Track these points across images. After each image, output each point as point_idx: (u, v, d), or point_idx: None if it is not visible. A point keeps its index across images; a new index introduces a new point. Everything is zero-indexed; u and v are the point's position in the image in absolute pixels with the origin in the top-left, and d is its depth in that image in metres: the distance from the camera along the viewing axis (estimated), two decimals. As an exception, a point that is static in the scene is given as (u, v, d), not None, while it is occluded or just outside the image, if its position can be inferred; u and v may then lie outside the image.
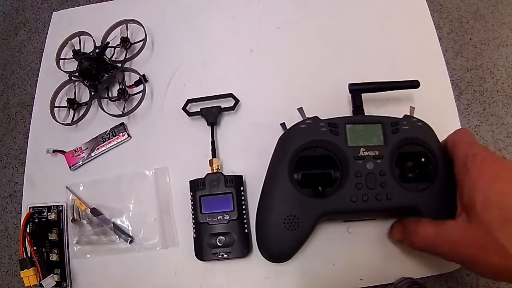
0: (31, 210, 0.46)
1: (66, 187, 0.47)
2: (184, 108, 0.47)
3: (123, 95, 0.48)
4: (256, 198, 0.40)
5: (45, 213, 0.46)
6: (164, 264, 0.44)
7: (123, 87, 0.48)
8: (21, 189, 0.49)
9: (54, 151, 0.49)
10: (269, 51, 0.50)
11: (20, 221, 0.46)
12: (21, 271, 0.42)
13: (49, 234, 0.46)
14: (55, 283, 0.44)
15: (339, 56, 0.48)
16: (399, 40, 0.49)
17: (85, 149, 0.48)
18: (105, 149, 0.48)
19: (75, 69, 0.50)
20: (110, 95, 0.49)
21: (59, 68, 0.51)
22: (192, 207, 0.42)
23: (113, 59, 0.50)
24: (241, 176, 0.43)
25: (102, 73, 0.49)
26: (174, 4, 0.54)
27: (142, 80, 0.48)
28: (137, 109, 0.47)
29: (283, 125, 0.42)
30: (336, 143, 0.38)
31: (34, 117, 0.52)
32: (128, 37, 0.51)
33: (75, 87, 0.51)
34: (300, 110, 0.41)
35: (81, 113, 0.49)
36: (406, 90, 0.43)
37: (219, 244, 0.40)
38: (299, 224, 0.36)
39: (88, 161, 0.48)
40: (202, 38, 0.51)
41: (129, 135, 0.48)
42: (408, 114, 0.40)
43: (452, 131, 0.38)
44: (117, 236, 0.44)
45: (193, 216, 0.42)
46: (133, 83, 0.49)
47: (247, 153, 0.45)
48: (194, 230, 0.42)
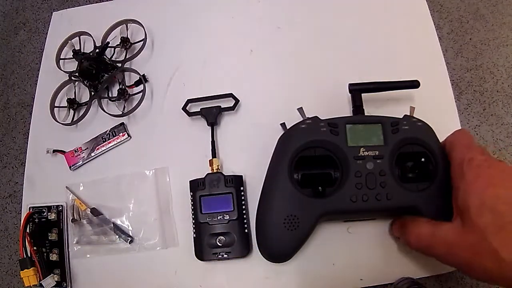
0: (31, 210, 0.46)
1: (66, 187, 0.47)
2: (184, 108, 0.47)
3: (123, 95, 0.48)
4: (256, 198, 0.40)
5: (45, 213, 0.46)
6: (164, 264, 0.44)
7: (123, 87, 0.48)
8: (21, 189, 0.49)
9: (54, 151, 0.49)
10: (269, 51, 0.50)
11: (20, 221, 0.47)
12: (21, 271, 0.42)
13: (49, 234, 0.46)
14: (55, 283, 0.44)
15: (339, 56, 0.48)
16: (399, 40, 0.49)
17: (85, 149, 0.48)
18: (105, 149, 0.48)
19: (75, 69, 0.50)
20: (110, 95, 0.49)
21: (59, 68, 0.51)
22: (192, 207, 0.42)
23: (113, 59, 0.50)
24: (241, 176, 0.43)
25: (102, 73, 0.49)
26: (174, 4, 0.54)
27: (142, 80, 0.48)
28: (137, 109, 0.47)
29: (283, 125, 0.42)
30: (336, 143, 0.38)
31: (34, 117, 0.52)
32: (128, 37, 0.51)
33: (75, 87, 0.51)
34: (300, 110, 0.41)
35: (81, 113, 0.49)
36: (406, 90, 0.43)
37: (219, 244, 0.40)
38: (299, 224, 0.36)
39: (88, 161, 0.48)
40: (202, 38, 0.51)
41: (129, 135, 0.48)
42: (408, 114, 0.40)
43: (452, 131, 0.38)
44: (117, 236, 0.44)
45: (193, 216, 0.42)
46: (133, 83, 0.49)
47: (247, 153, 0.45)
48: (194, 230, 0.42)
